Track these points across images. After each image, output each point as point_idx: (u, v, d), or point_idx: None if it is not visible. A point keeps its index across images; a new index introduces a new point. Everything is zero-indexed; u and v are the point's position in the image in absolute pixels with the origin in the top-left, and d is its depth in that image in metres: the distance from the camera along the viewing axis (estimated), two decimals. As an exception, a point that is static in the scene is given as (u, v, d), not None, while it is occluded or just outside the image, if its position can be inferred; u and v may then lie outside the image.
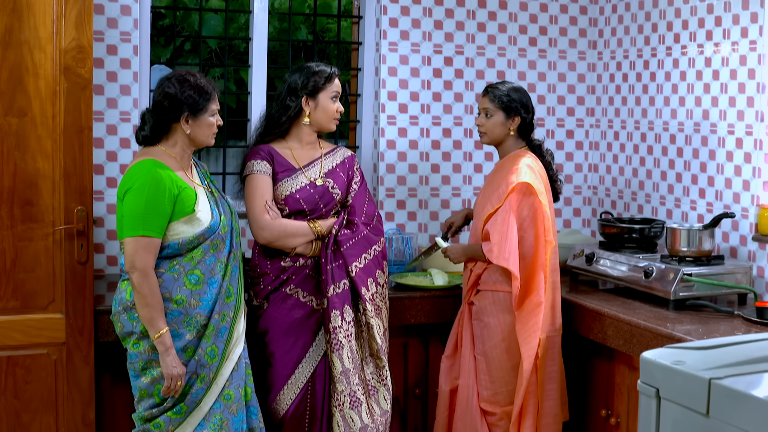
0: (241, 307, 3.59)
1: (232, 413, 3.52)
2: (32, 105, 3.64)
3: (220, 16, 7.67)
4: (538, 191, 3.85)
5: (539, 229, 3.86)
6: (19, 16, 3.61)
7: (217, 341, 3.47)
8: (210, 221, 3.47)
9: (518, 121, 4.01)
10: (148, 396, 3.44)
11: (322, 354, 3.80)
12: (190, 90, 3.46)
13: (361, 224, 3.90)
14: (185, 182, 3.46)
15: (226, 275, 3.53)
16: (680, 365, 1.89)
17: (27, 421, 3.71)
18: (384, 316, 3.89)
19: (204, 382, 3.45)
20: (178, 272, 3.43)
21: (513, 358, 3.89)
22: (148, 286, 3.33)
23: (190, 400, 3.44)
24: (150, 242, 3.34)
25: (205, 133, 3.52)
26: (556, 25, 5.16)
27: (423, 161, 4.95)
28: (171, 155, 3.50)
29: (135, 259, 3.32)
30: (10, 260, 3.65)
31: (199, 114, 3.47)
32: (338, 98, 3.91)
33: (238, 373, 3.55)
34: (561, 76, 5.20)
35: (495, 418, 3.94)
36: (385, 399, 3.87)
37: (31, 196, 3.67)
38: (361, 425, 3.78)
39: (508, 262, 3.78)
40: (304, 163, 3.91)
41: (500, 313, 3.90)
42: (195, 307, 3.43)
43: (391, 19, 4.84)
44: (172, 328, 3.40)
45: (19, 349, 3.70)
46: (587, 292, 4.26)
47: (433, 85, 4.95)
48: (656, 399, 1.90)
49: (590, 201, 5.34)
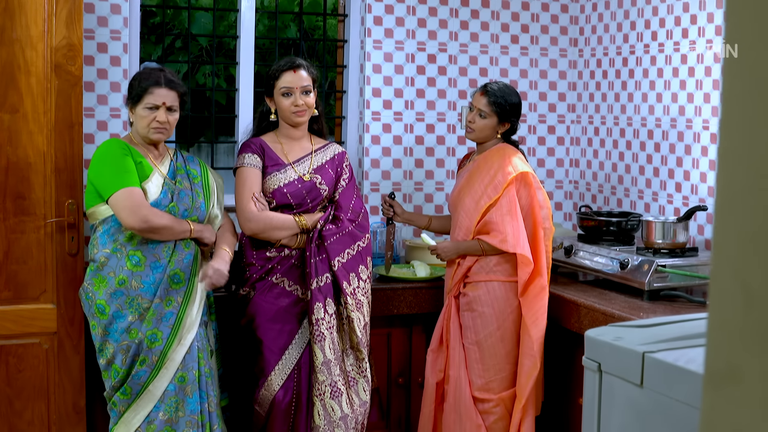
0: (193, 293, 3.64)
1: (186, 395, 3.58)
2: (24, 101, 3.73)
3: (210, 14, 7.77)
4: (534, 181, 4.00)
5: (537, 217, 3.99)
6: (11, 15, 3.69)
7: (160, 326, 3.53)
8: (152, 200, 3.56)
9: (508, 127, 4.13)
10: (108, 377, 3.56)
11: (307, 342, 3.89)
12: (135, 80, 3.61)
13: (346, 220, 3.98)
14: (145, 159, 3.60)
15: (172, 260, 3.59)
16: (619, 341, 2.02)
17: (19, 409, 3.81)
18: (365, 311, 3.97)
19: (146, 365, 3.51)
20: (121, 252, 3.52)
21: (506, 345, 4.00)
22: (160, 218, 3.50)
23: (133, 381, 3.51)
24: (132, 190, 3.48)
25: (140, 123, 3.60)
26: (538, 23, 5.28)
27: (407, 156, 5.07)
28: (134, 141, 3.65)
29: (133, 212, 3.46)
30: (3, 252, 3.75)
31: (136, 104, 3.59)
32: (294, 93, 3.93)
33: (190, 355, 3.60)
34: (542, 73, 5.32)
35: (490, 405, 4.03)
36: (364, 390, 3.95)
37: (23, 189, 3.75)
38: (341, 414, 3.86)
39: (523, 249, 3.91)
40: (294, 159, 3.99)
41: (495, 302, 4.00)
42: (136, 289, 3.52)
43: (376, 17, 4.95)
44: (116, 307, 3.50)
45: (12, 338, 3.79)
46: (566, 284, 4.38)
47: (417, 81, 5.06)
48: (598, 373, 2.04)
49: (571, 195, 5.46)
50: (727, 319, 0.71)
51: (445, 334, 4.16)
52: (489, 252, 4.00)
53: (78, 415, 3.91)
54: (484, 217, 4.01)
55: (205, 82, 9.22)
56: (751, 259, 0.68)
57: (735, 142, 0.69)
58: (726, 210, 0.71)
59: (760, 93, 0.67)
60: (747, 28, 0.70)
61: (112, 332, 3.51)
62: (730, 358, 0.71)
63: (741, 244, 0.69)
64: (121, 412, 3.54)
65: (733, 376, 0.70)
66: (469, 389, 4.05)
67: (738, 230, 0.69)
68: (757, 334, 0.68)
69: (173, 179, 3.67)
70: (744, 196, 0.68)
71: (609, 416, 2.00)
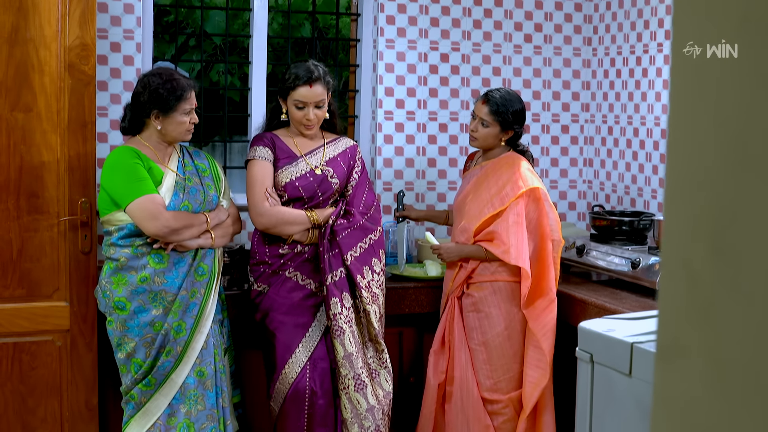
0: (213, 283, 3.76)
1: (207, 389, 3.70)
2: (38, 100, 3.80)
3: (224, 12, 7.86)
4: (544, 196, 4.06)
5: (545, 229, 4.05)
6: (25, 15, 3.76)
7: (185, 317, 3.65)
8: (167, 203, 3.65)
9: (511, 134, 4.19)
10: (126, 371, 3.65)
11: (321, 336, 3.96)
12: (161, 89, 3.64)
13: (357, 214, 4.05)
14: (155, 163, 3.67)
15: (198, 254, 3.72)
16: (610, 332, 2.09)
17: (32, 406, 3.88)
18: (381, 303, 4.04)
19: (171, 356, 3.63)
20: (141, 253, 3.62)
21: (514, 345, 4.07)
22: (174, 221, 3.59)
23: (157, 372, 3.63)
24: (150, 198, 3.58)
25: (176, 129, 3.70)
26: (551, 22, 5.34)
27: (419, 156, 5.14)
28: (147, 145, 3.71)
29: (154, 218, 3.55)
30: (17, 250, 3.82)
31: (169, 112, 3.66)
32: (307, 107, 3.95)
33: (207, 351, 3.71)
34: (556, 72, 5.38)
35: (499, 405, 4.09)
36: (386, 380, 4.03)
37: (37, 188, 3.82)
38: (367, 406, 3.93)
39: (525, 262, 3.96)
40: (306, 151, 4.05)
41: (502, 302, 4.07)
42: (160, 285, 3.62)
43: (388, 17, 5.02)
44: (138, 303, 3.60)
45: (25, 335, 3.86)
46: (578, 284, 4.44)
47: (430, 81, 5.13)
48: (591, 363, 2.11)
49: (585, 195, 5.51)
50: (674, 298, 0.78)
51: (447, 335, 4.21)
52: (492, 259, 4.07)
53: (90, 413, 3.98)
54: (488, 226, 4.08)
55: (219, 80, 9.32)
56: (693, 243, 0.76)
57: (679, 138, 0.76)
58: (672, 200, 0.78)
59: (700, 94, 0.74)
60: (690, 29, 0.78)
61: (132, 327, 3.61)
62: (677, 334, 0.78)
63: (685, 231, 0.77)
64: (142, 402, 3.64)
65: (680, 350, 0.77)
66: (477, 390, 4.10)
67: (682, 218, 0.76)
68: (699, 311, 0.75)
69: (183, 175, 3.76)
70: (686, 188, 0.76)
71: (601, 405, 2.07)
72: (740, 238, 0.71)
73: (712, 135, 0.73)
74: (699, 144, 0.74)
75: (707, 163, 0.73)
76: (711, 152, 0.73)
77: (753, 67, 0.70)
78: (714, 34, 0.74)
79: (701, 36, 0.75)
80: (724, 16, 0.73)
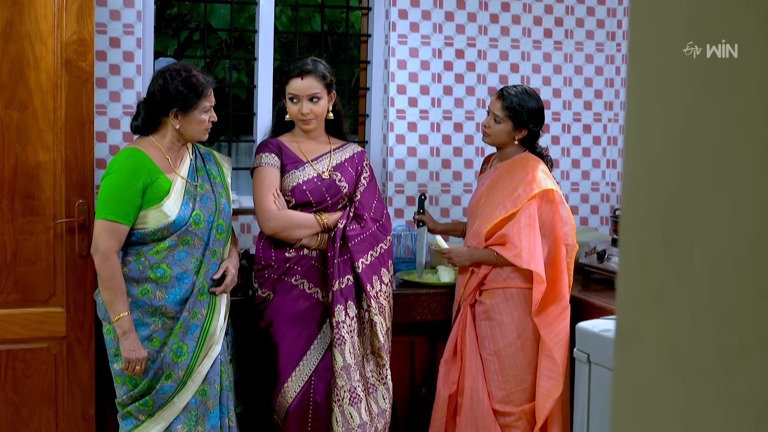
0: (216, 304, 3.81)
1: (208, 409, 3.75)
2: (33, 98, 3.86)
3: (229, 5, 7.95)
4: (558, 198, 4.13)
5: (559, 233, 4.12)
6: (20, 9, 3.82)
7: (186, 338, 3.69)
8: (175, 216, 3.69)
9: (525, 133, 4.25)
10: (122, 382, 3.72)
11: (326, 347, 4.02)
12: (182, 86, 3.67)
13: (370, 220, 4.11)
14: (163, 172, 3.71)
15: (200, 272, 3.75)
16: (607, 332, 2.18)
17: (26, 416, 3.94)
18: (387, 315, 4.10)
19: (172, 380, 3.68)
20: (144, 265, 3.67)
21: (527, 355, 4.12)
22: (108, 269, 3.59)
23: (157, 395, 3.68)
24: (115, 227, 3.60)
25: (195, 129, 3.74)
26: (573, 15, 5.38)
27: (433, 156, 5.19)
28: (158, 146, 3.74)
29: (98, 242, 3.59)
30: (11, 253, 3.88)
31: (189, 110, 3.69)
32: (300, 100, 4.05)
33: (213, 369, 3.77)
34: (578, 69, 5.42)
35: (512, 418, 4.15)
36: (383, 398, 4.07)
37: (32, 189, 3.89)
38: (359, 422, 3.97)
39: (537, 266, 4.02)
40: (313, 157, 4.13)
41: (514, 309, 4.13)
42: (160, 299, 3.68)
43: (401, 11, 5.07)
44: (137, 316, 3.65)
45: (20, 342, 3.92)
46: (598, 291, 4.50)
47: (444, 78, 5.18)
48: (588, 363, 2.19)
49: (608, 198, 5.55)
50: (631, 286, 0.88)
51: (459, 344, 4.27)
52: (503, 263, 4.14)
53: (87, 423, 4.03)
54: (500, 229, 4.14)
55: (224, 77, 9.40)
56: (646, 233, 0.86)
57: (634, 136, 0.86)
58: (628, 194, 0.88)
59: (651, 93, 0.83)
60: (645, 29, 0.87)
61: None
62: (633, 320, 0.88)
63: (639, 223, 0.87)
64: (141, 420, 3.70)
65: (636, 335, 0.87)
66: (488, 401, 4.16)
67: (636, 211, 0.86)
68: (651, 297, 0.85)
69: (194, 182, 3.81)
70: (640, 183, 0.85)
71: (598, 404, 2.15)
72: (686, 228, 0.81)
73: (660, 131, 0.82)
74: (650, 139, 0.84)
75: (657, 158, 0.83)
76: (660, 147, 0.83)
77: (698, 68, 0.80)
78: (666, 36, 0.84)
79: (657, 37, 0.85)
80: (675, 17, 0.83)
